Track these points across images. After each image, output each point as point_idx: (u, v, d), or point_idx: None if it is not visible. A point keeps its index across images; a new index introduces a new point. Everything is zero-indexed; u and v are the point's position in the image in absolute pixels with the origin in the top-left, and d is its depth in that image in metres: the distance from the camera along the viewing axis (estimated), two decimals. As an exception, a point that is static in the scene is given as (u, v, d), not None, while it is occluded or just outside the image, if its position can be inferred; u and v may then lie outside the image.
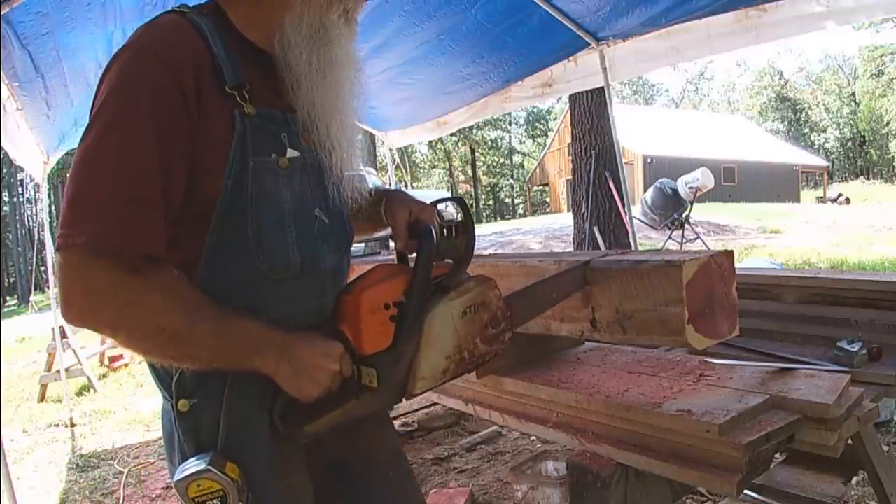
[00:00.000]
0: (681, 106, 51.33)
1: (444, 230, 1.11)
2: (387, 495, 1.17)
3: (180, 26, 0.94)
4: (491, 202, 48.76)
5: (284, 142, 0.99)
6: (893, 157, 39.43)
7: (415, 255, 1.06)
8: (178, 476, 0.89)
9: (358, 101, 1.10)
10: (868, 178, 38.83)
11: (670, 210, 9.81)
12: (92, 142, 0.84)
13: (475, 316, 1.03)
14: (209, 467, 0.88)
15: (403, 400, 1.02)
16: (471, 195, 45.24)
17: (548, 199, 36.26)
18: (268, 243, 0.95)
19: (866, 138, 43.01)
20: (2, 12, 2.22)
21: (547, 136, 41.10)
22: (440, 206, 1.19)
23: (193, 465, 0.89)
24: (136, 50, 0.89)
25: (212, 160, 0.91)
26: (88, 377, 5.47)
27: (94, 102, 0.88)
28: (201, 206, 0.92)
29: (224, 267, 0.93)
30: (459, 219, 1.12)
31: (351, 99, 1.07)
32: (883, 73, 38.93)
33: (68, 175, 0.85)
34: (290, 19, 0.99)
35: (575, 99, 7.36)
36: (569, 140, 9.81)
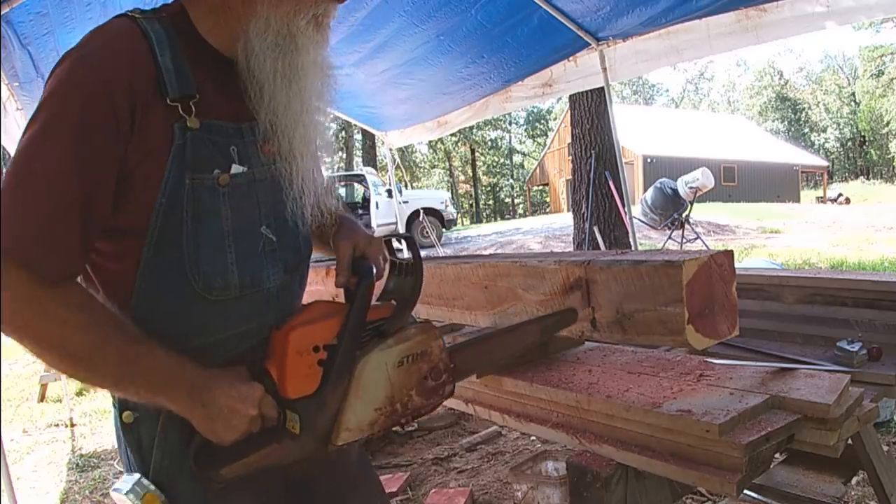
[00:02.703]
0: (681, 106, 51.32)
1: (395, 268, 1.04)
2: None
3: (126, 34, 0.90)
4: (491, 202, 48.76)
5: (232, 156, 0.94)
6: (893, 157, 39.42)
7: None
8: (112, 489, 0.90)
9: (327, 110, 1.04)
10: (868, 178, 38.84)
11: (670, 210, 9.81)
12: (19, 152, 0.84)
13: (413, 366, 0.96)
14: (128, 493, 0.87)
15: (329, 449, 0.93)
16: (471, 195, 45.26)
17: (548, 199, 36.26)
18: (204, 263, 0.91)
19: (866, 138, 43.00)
20: (2, 12, 2.22)
21: (547, 136, 41.10)
22: (399, 242, 1.12)
23: (121, 483, 0.89)
24: (74, 59, 0.86)
25: (146, 175, 0.87)
26: (88, 377, 5.46)
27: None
28: (136, 222, 0.89)
29: (159, 284, 0.90)
30: (410, 257, 1.04)
31: (317, 109, 1.01)
32: (883, 73, 38.92)
33: None
34: (255, 26, 0.93)
35: (575, 99, 7.36)
36: (569, 140, 9.81)
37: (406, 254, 1.07)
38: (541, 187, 37.18)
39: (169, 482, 0.92)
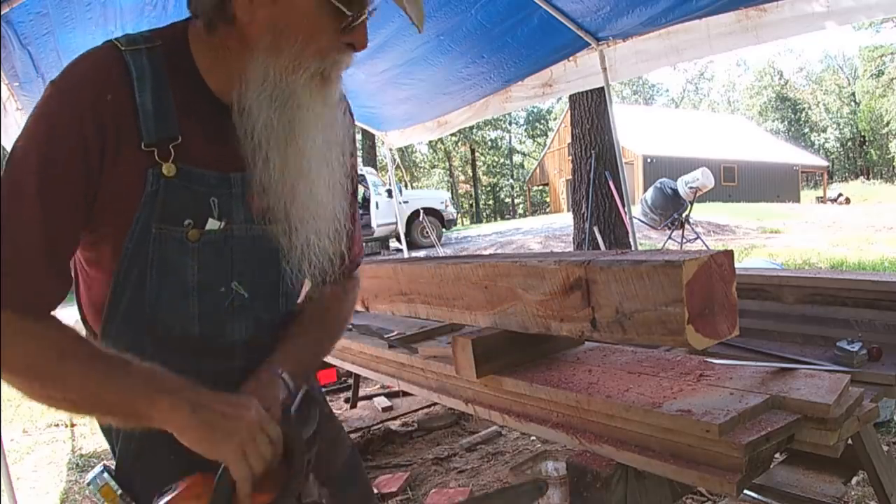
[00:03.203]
0: (681, 106, 51.33)
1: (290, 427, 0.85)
2: None
3: (106, 68, 0.83)
4: (491, 202, 48.76)
5: (212, 208, 0.88)
6: (893, 157, 39.42)
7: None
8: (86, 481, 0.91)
9: (340, 167, 0.95)
10: (868, 178, 38.85)
11: (670, 210, 9.81)
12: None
13: None
14: (89, 483, 0.89)
15: None
16: (471, 195, 45.25)
17: (548, 199, 36.25)
18: (164, 313, 0.88)
19: (866, 138, 43.00)
20: (2, 12, 2.22)
21: (547, 136, 41.10)
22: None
23: (89, 473, 0.91)
24: (53, 91, 0.82)
25: (116, 215, 0.84)
26: (88, 377, 5.47)
27: None
28: (105, 259, 0.87)
29: (122, 322, 0.88)
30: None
31: (323, 169, 0.92)
32: (883, 73, 38.92)
33: None
34: (253, 74, 0.85)
35: (575, 99, 7.36)
36: (569, 140, 9.81)
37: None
38: (541, 187, 37.18)
39: (129, 474, 0.93)
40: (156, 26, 0.92)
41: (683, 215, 9.52)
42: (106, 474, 0.91)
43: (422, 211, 10.74)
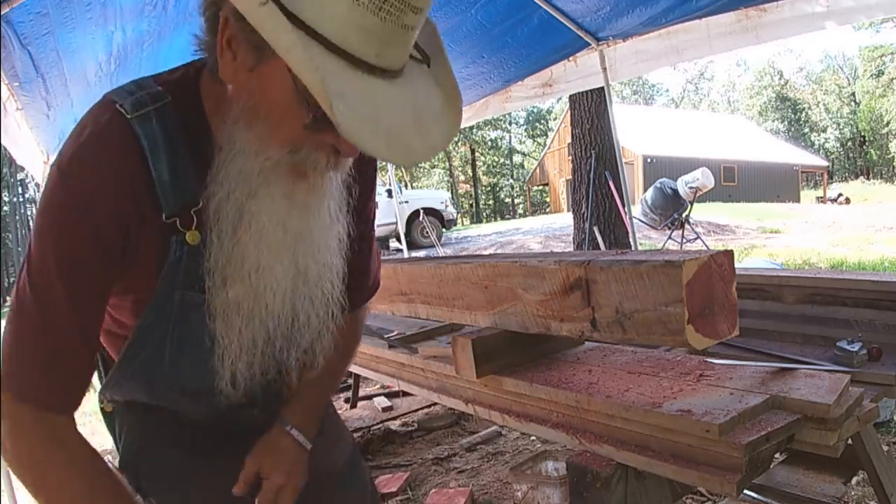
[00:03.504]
0: (681, 106, 51.33)
1: None
2: None
3: (115, 147, 0.77)
4: (491, 202, 48.75)
5: None
6: (893, 157, 39.42)
7: None
8: None
9: (322, 246, 0.88)
10: (868, 178, 38.86)
11: (670, 210, 9.82)
12: (20, 287, 0.78)
13: None
14: None
15: None
16: (471, 195, 45.25)
17: (548, 199, 36.25)
18: (185, 369, 0.89)
19: (866, 138, 43.00)
20: (2, 12, 2.22)
21: (547, 136, 41.10)
22: None
23: None
24: (60, 180, 0.77)
25: (136, 282, 0.83)
26: (88, 377, 5.47)
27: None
28: (123, 312, 0.87)
29: (140, 370, 0.89)
30: None
31: (288, 258, 0.85)
32: (883, 73, 38.92)
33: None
34: (228, 136, 0.79)
35: (575, 99, 7.36)
36: (569, 140, 9.81)
37: None
38: (541, 187, 37.18)
39: (133, 470, 0.96)
40: (156, 23, 0.91)
41: (683, 215, 9.52)
42: None
43: (422, 211, 10.75)
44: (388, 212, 11.36)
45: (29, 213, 33.36)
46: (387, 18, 0.66)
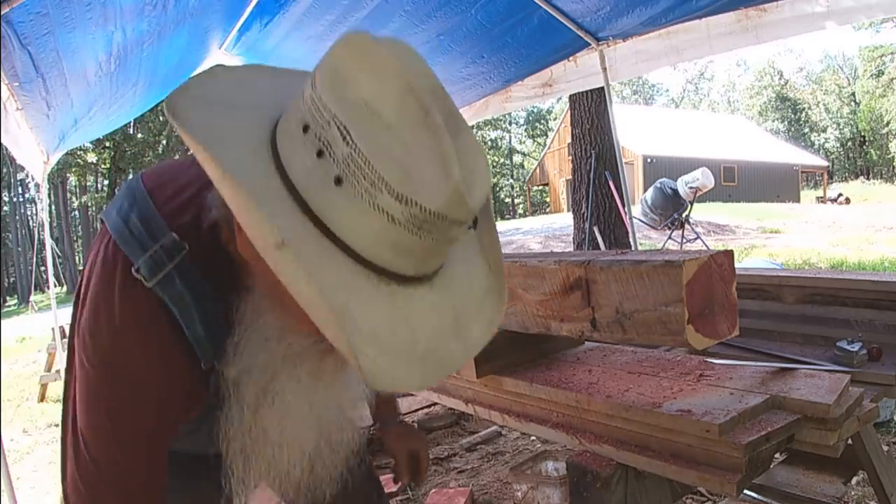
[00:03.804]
0: (681, 106, 51.35)
1: None
2: None
3: (147, 321, 0.74)
4: (491, 202, 48.72)
5: None
6: (893, 157, 39.43)
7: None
8: None
9: (347, 415, 0.86)
10: (868, 178, 38.86)
11: (670, 210, 9.82)
12: (81, 468, 0.76)
13: None
14: None
15: None
16: (471, 195, 45.18)
17: (548, 199, 36.26)
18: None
19: (866, 138, 43.01)
20: (2, 12, 2.22)
21: (547, 136, 41.12)
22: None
23: None
24: (110, 368, 0.74)
25: (178, 418, 0.81)
26: (88, 377, 5.47)
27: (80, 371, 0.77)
28: None
29: None
30: None
31: (313, 432, 0.82)
32: (883, 73, 38.93)
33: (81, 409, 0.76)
34: (251, 305, 0.74)
35: (575, 99, 7.36)
36: (569, 140, 9.81)
37: None
38: (541, 187, 37.17)
39: None
40: (156, 23, 0.85)
41: (683, 215, 9.52)
42: None
43: (422, 211, 10.73)
44: (388, 212, 11.35)
45: (29, 213, 33.34)
46: (426, 237, 0.61)
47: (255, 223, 0.59)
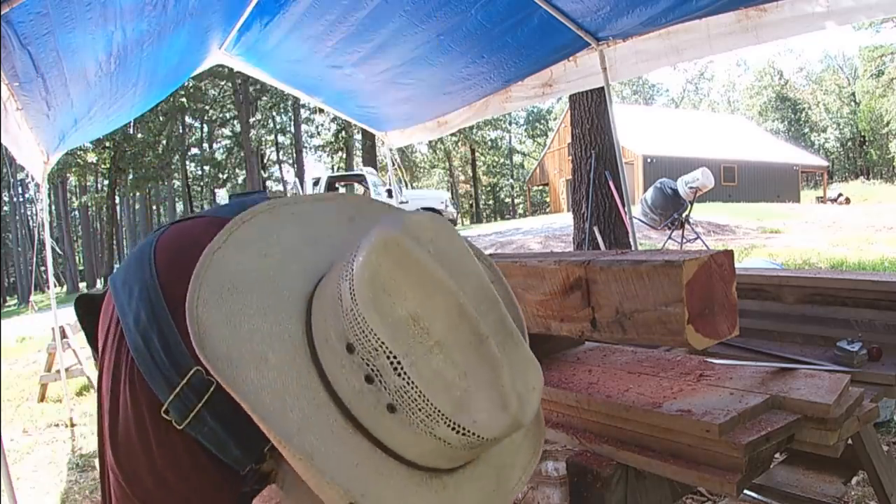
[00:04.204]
0: (681, 106, 51.36)
1: None
2: None
3: (187, 462, 0.73)
4: (491, 202, 48.78)
5: None
6: (893, 157, 39.42)
7: None
8: None
9: None
10: (868, 178, 38.87)
11: (670, 210, 9.81)
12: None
13: None
14: None
15: None
16: (471, 195, 45.26)
17: (548, 199, 36.27)
18: None
19: (866, 138, 43.01)
20: (2, 12, 2.22)
21: (547, 136, 41.12)
22: None
23: None
24: (162, 475, 0.72)
25: None
26: (88, 377, 5.47)
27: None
28: None
29: None
30: None
31: None
32: (883, 73, 38.92)
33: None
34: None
35: (575, 99, 7.36)
36: (569, 140, 9.81)
37: None
38: (541, 187, 37.18)
39: None
40: (156, 23, 0.82)
41: (683, 215, 9.52)
42: None
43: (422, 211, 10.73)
44: (388, 212, 11.37)
45: (29, 213, 33.32)
46: (479, 450, 0.63)
47: (322, 486, 0.59)
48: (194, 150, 39.06)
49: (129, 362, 0.73)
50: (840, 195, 26.07)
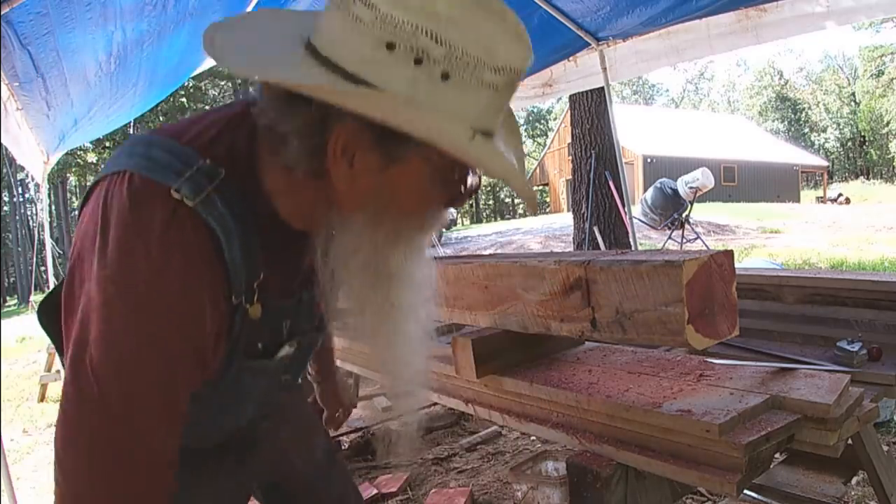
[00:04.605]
0: (681, 106, 51.36)
1: None
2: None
3: (192, 238, 0.71)
4: (491, 202, 48.77)
5: (283, 333, 0.88)
6: (893, 157, 39.43)
7: None
8: None
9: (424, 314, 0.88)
10: (868, 178, 38.87)
11: (670, 210, 9.82)
12: (83, 390, 0.67)
13: None
14: None
15: None
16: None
17: (548, 199, 36.25)
18: (225, 419, 0.95)
19: (866, 138, 43.01)
20: (2, 12, 2.22)
21: (547, 136, 41.11)
22: None
23: None
24: (144, 303, 0.68)
25: (206, 360, 0.78)
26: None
27: (86, 311, 0.69)
28: None
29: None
30: None
31: (413, 322, 0.86)
32: (883, 73, 38.92)
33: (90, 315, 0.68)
34: (344, 242, 0.78)
35: (575, 99, 7.36)
36: (569, 140, 9.81)
37: None
38: (541, 187, 37.17)
39: None
40: (156, 23, 0.89)
41: (683, 215, 9.53)
42: None
43: (421, 211, 10.71)
44: (388, 212, 11.36)
45: (29, 213, 33.33)
46: (507, 95, 0.75)
47: (443, 130, 0.67)
48: (194, 150, 38.97)
49: (129, 180, 0.70)
50: (840, 195, 26.07)
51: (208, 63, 4.08)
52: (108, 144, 26.81)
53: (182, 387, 0.72)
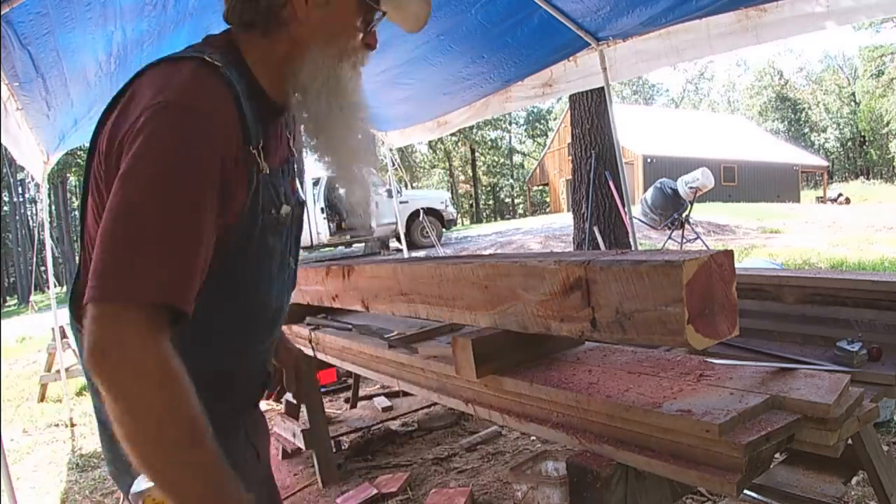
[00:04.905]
0: (681, 106, 51.34)
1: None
2: None
3: (219, 88, 0.89)
4: (491, 202, 48.77)
5: (281, 196, 1.02)
6: (893, 157, 39.42)
7: None
8: (133, 489, 0.83)
9: (371, 144, 1.11)
10: (868, 178, 38.86)
11: (670, 210, 9.83)
12: (138, 198, 0.78)
13: None
14: (138, 493, 0.82)
15: None
16: (471, 195, 45.25)
17: (548, 199, 36.25)
18: (262, 290, 1.03)
19: (866, 138, 43.01)
20: (2, 12, 2.22)
21: (547, 136, 41.10)
22: None
23: (143, 481, 0.82)
24: (184, 108, 0.83)
25: (228, 220, 0.91)
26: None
27: (129, 147, 0.81)
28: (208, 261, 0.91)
29: (212, 307, 0.90)
30: None
31: (362, 135, 1.07)
32: (883, 73, 38.91)
33: (104, 226, 0.78)
34: (307, 68, 0.99)
35: (575, 99, 7.37)
36: (569, 140, 9.81)
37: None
38: (541, 187, 37.17)
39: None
40: (156, 23, 0.97)
41: (683, 215, 9.53)
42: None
43: (422, 211, 10.72)
44: (388, 212, 11.38)
45: (29, 213, 33.34)
46: None
47: None
48: (194, 150, 38.94)
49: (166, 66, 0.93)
50: (840, 195, 26.07)
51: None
52: (108, 144, 26.77)
53: (208, 208, 0.84)
